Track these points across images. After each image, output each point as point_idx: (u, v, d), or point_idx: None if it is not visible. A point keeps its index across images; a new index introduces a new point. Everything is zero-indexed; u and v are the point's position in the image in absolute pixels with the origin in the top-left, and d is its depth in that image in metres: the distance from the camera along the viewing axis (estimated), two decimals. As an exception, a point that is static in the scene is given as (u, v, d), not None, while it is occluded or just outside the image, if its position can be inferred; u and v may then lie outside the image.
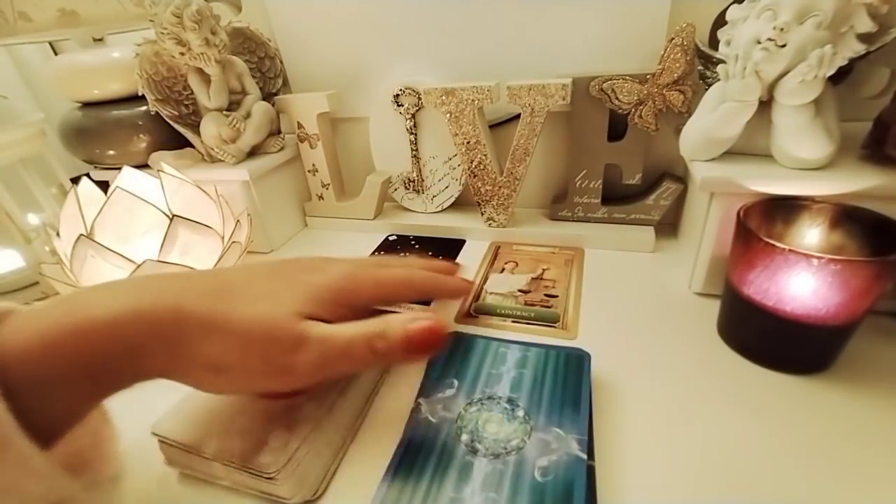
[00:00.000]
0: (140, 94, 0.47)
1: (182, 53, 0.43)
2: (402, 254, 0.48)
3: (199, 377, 0.21)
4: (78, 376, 0.18)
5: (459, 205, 0.52)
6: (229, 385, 0.21)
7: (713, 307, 0.34)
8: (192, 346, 0.20)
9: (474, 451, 0.24)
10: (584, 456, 0.23)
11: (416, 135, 0.50)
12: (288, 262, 0.25)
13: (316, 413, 0.25)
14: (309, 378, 0.21)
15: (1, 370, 0.16)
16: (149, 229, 0.38)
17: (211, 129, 0.47)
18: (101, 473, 0.24)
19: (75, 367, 0.18)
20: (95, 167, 0.56)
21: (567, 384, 0.27)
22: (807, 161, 0.31)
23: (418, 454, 0.24)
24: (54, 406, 0.18)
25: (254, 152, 0.51)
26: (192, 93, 0.48)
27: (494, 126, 0.49)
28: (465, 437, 0.25)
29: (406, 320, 0.21)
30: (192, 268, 0.36)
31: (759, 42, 0.29)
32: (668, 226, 0.47)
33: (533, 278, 0.41)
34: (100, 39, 0.52)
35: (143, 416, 0.27)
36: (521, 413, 0.26)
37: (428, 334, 0.21)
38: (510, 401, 0.26)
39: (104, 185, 0.39)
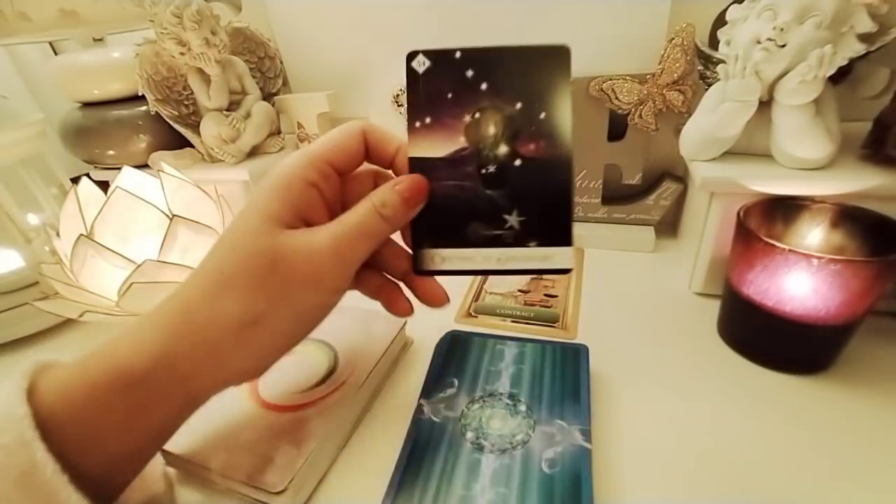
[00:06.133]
0: (140, 94, 0.47)
1: (182, 53, 0.43)
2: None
3: (245, 350, 0.20)
4: (127, 428, 0.18)
5: (459, 205, 0.52)
6: (276, 328, 0.20)
7: (713, 307, 0.34)
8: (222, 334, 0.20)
9: (480, 448, 0.24)
10: (589, 446, 0.23)
11: (416, 135, 0.50)
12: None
13: (323, 429, 0.25)
14: (338, 275, 0.21)
15: (48, 431, 0.16)
16: (149, 229, 0.38)
17: (211, 129, 0.47)
18: None
19: (120, 423, 0.18)
20: (95, 167, 0.56)
21: (566, 377, 0.27)
22: (807, 161, 0.31)
23: (425, 454, 0.24)
24: (109, 463, 0.18)
25: (254, 152, 0.51)
26: (192, 93, 0.48)
27: (494, 126, 0.49)
28: (470, 435, 0.25)
29: (389, 186, 0.22)
30: (192, 268, 0.36)
31: (759, 42, 0.29)
32: (668, 226, 0.47)
33: (533, 278, 0.41)
34: (100, 39, 0.52)
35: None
36: (523, 408, 0.26)
37: (415, 186, 0.22)
38: (511, 396, 0.27)
39: (104, 185, 0.39)
